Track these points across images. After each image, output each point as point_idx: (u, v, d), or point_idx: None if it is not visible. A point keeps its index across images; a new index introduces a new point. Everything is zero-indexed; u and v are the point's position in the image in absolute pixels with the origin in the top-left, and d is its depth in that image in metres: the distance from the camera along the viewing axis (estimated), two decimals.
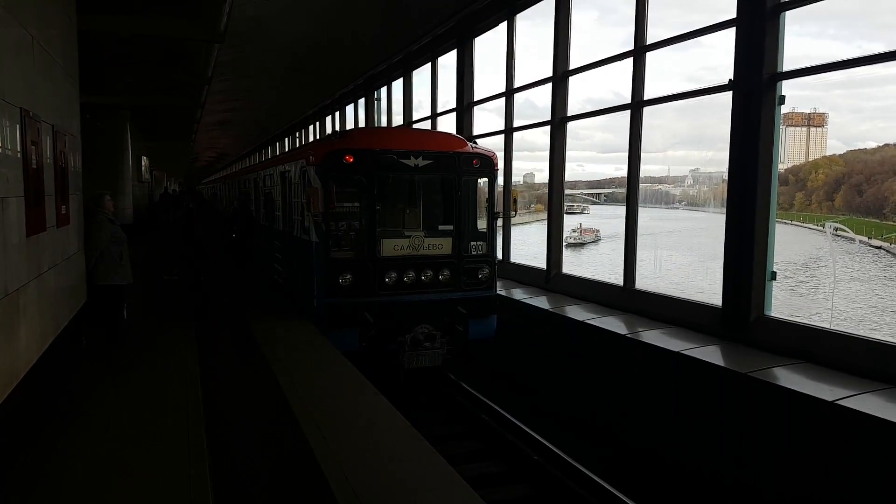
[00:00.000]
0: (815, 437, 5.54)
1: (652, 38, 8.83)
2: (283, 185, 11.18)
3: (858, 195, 33.86)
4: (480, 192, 9.62)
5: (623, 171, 9.52)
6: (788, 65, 7.00)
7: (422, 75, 17.35)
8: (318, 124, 28.83)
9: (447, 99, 15.33)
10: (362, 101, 22.12)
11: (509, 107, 12.56)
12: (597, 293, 9.83)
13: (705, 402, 6.64)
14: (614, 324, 8.41)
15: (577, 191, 53.18)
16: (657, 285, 12.78)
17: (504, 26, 12.53)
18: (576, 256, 37.25)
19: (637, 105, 9.00)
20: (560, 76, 10.81)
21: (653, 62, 8.91)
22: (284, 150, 34.94)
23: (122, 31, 10.69)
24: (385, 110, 20.14)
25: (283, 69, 18.77)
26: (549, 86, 11.04)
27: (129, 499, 4.04)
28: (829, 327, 6.84)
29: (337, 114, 25.43)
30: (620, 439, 7.77)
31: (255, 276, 13.84)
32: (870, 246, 31.28)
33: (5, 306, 4.30)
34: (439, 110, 15.77)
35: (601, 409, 8.22)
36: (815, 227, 33.82)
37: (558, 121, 10.89)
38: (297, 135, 33.41)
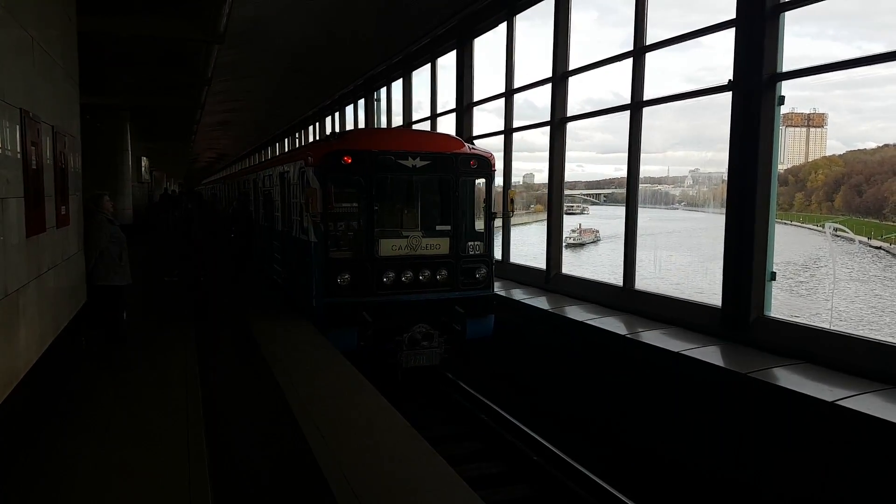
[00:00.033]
0: (814, 438, 5.54)
1: (651, 38, 8.85)
2: (282, 186, 11.20)
3: (858, 195, 33.87)
4: (478, 192, 9.65)
5: (623, 172, 9.55)
6: (788, 65, 7.01)
7: (421, 76, 17.39)
8: (317, 125, 28.81)
9: (447, 99, 15.36)
10: (362, 102, 22.12)
11: (509, 107, 12.56)
12: (596, 293, 9.83)
13: (705, 403, 6.65)
14: (614, 324, 8.41)
15: (576, 191, 53.19)
16: (657, 286, 12.79)
17: (504, 27, 12.54)
18: (575, 257, 37.23)
19: (636, 105, 9.00)
20: (559, 77, 10.82)
21: (652, 63, 8.94)
22: (284, 150, 34.94)
23: (121, 32, 10.69)
24: (385, 111, 20.15)
25: (282, 70, 18.77)
26: (548, 86, 11.04)
27: (129, 499, 4.04)
28: (828, 328, 6.84)
29: (337, 114, 25.42)
30: (620, 439, 7.77)
31: (255, 277, 13.84)
32: (869, 246, 31.28)
33: (5, 307, 4.30)
34: (439, 111, 15.77)
35: (601, 409, 8.22)
36: (814, 227, 33.82)
37: (558, 121, 10.89)
38: (296, 135, 33.39)
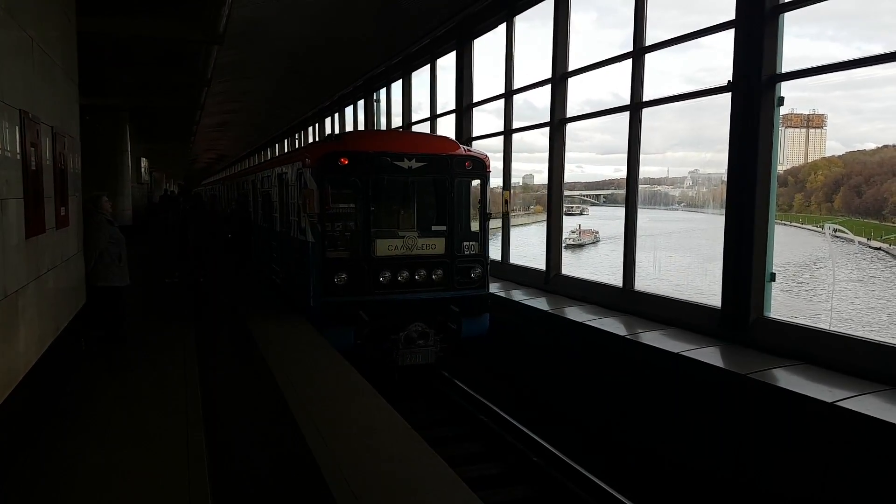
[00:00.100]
0: (814, 438, 5.54)
1: (651, 39, 8.85)
2: (280, 187, 11.28)
3: (858, 196, 33.90)
4: (473, 193, 9.76)
5: (622, 173, 9.55)
6: (787, 66, 7.01)
7: (421, 76, 17.40)
8: (317, 126, 28.81)
9: (446, 100, 15.36)
10: (361, 103, 22.11)
11: (508, 108, 12.56)
12: (596, 294, 9.83)
13: (705, 403, 6.64)
14: (614, 325, 8.41)
15: (576, 192, 53.22)
16: (657, 286, 12.78)
17: (503, 28, 12.55)
18: (575, 258, 37.25)
19: (636, 106, 9.00)
20: (559, 77, 10.82)
21: (652, 64, 8.94)
22: (284, 151, 34.95)
23: (121, 33, 10.69)
24: (384, 112, 20.15)
25: (282, 71, 18.78)
26: (548, 87, 11.04)
27: (129, 499, 4.04)
28: (828, 328, 6.83)
29: (336, 115, 25.41)
30: (620, 440, 7.77)
31: (254, 277, 13.84)
32: (869, 247, 31.30)
33: (4, 308, 4.30)
34: (439, 112, 15.77)
35: (601, 409, 8.22)
36: (814, 228, 33.84)
37: (557, 122, 10.90)
38: (296, 136, 33.40)
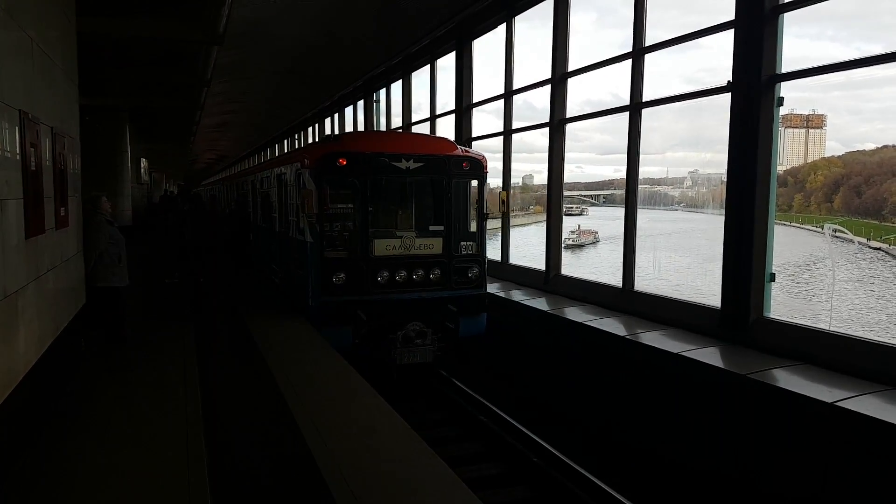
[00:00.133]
0: (814, 438, 5.54)
1: (651, 39, 8.84)
2: (279, 187, 11.35)
3: (857, 196, 33.92)
4: (471, 193, 9.80)
5: (622, 173, 9.55)
6: (787, 66, 7.00)
7: (421, 77, 17.39)
8: (317, 126, 28.81)
9: (446, 101, 15.35)
10: (361, 103, 22.10)
11: (508, 108, 12.56)
12: (596, 295, 9.83)
13: (705, 404, 6.64)
14: (613, 325, 8.40)
15: (575, 192, 53.25)
16: (657, 287, 12.78)
17: (503, 28, 12.54)
18: (574, 258, 37.27)
19: (636, 107, 9.00)
20: (559, 78, 10.82)
21: (651, 64, 8.94)
22: (284, 152, 34.95)
23: (121, 33, 10.69)
24: (384, 112, 20.15)
25: (281, 71, 18.78)
26: (547, 87, 11.04)
27: (128, 499, 4.04)
28: (828, 329, 6.83)
29: (336, 116, 25.41)
30: (620, 440, 7.77)
31: (254, 277, 13.83)
32: (869, 247, 31.31)
33: (4, 308, 4.30)
34: (438, 112, 15.77)
35: (601, 409, 8.22)
36: (814, 228, 33.86)
37: (557, 122, 10.90)
38: (296, 137, 33.39)
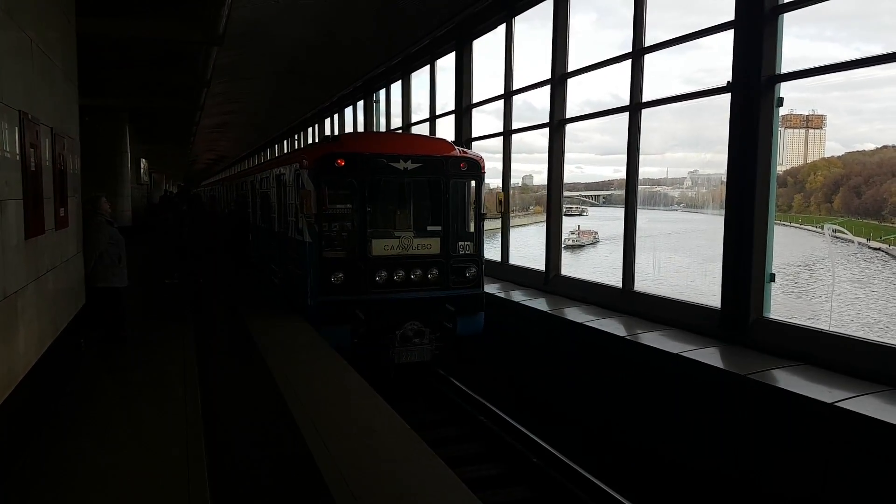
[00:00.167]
0: (814, 439, 5.54)
1: (650, 40, 8.84)
2: (278, 188, 11.42)
3: (857, 197, 33.94)
4: (468, 194, 9.84)
5: (622, 173, 9.56)
6: (787, 67, 7.01)
7: (421, 77, 17.39)
8: (316, 127, 28.81)
9: (446, 101, 15.35)
10: (361, 104, 22.10)
11: (508, 109, 12.56)
12: (596, 295, 9.83)
13: (705, 404, 6.64)
14: (613, 325, 8.40)
15: (575, 193, 53.28)
16: (656, 287, 12.78)
17: (502, 28, 12.55)
18: (574, 258, 37.27)
19: (635, 107, 9.00)
20: (558, 78, 10.82)
21: (651, 64, 8.94)
22: (284, 152, 34.95)
23: (120, 34, 10.69)
24: (384, 112, 20.15)
25: (281, 71, 18.77)
26: (547, 88, 11.04)
27: (128, 499, 4.04)
28: (827, 329, 6.83)
29: (336, 116, 25.40)
30: (620, 440, 7.77)
31: (253, 277, 13.83)
32: (868, 248, 31.31)
33: (4, 309, 4.30)
34: (438, 112, 15.77)
35: (601, 410, 8.22)
36: (813, 228, 33.87)
37: (557, 123, 10.90)
38: (296, 137, 33.38)
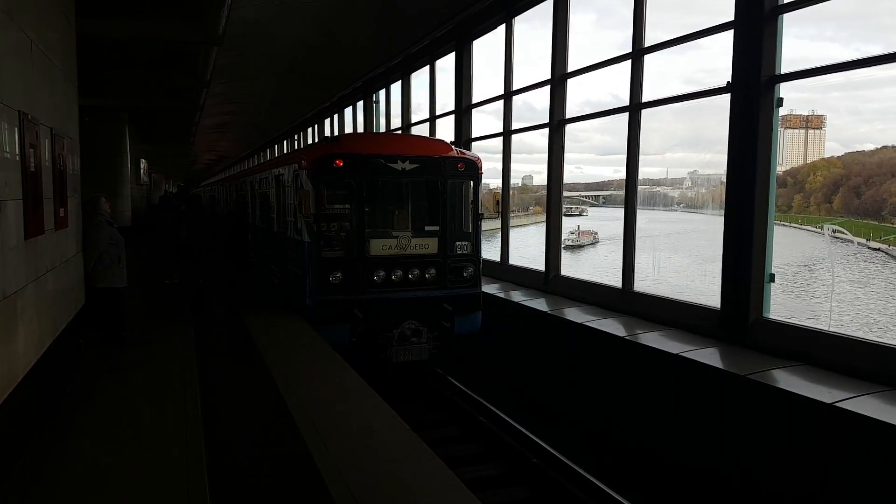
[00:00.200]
0: (814, 439, 5.54)
1: (650, 40, 8.84)
2: (277, 188, 11.47)
3: (857, 197, 33.96)
4: (466, 194, 9.89)
5: (621, 174, 9.57)
6: (786, 67, 7.01)
7: (420, 78, 17.39)
8: (316, 127, 28.80)
9: (446, 101, 15.35)
10: (361, 104, 22.10)
11: (507, 109, 12.56)
12: (595, 295, 9.83)
13: (705, 404, 6.64)
14: (613, 326, 8.40)
15: (575, 193, 53.32)
16: (656, 287, 12.78)
17: (502, 29, 12.55)
18: (574, 259, 37.27)
19: (635, 107, 9.00)
20: (558, 79, 10.82)
21: (651, 65, 8.94)
22: (283, 153, 34.95)
23: (120, 34, 10.69)
24: (384, 113, 20.14)
25: (281, 72, 18.77)
26: (547, 88, 11.04)
27: (128, 499, 4.04)
28: (827, 329, 6.83)
29: (336, 116, 25.40)
30: (620, 440, 7.76)
31: (253, 277, 13.83)
32: (868, 248, 31.32)
33: (3, 309, 4.29)
34: (438, 113, 15.77)
35: (601, 410, 8.21)
36: (813, 229, 33.90)
37: (556, 123, 10.90)
38: (295, 137, 33.38)
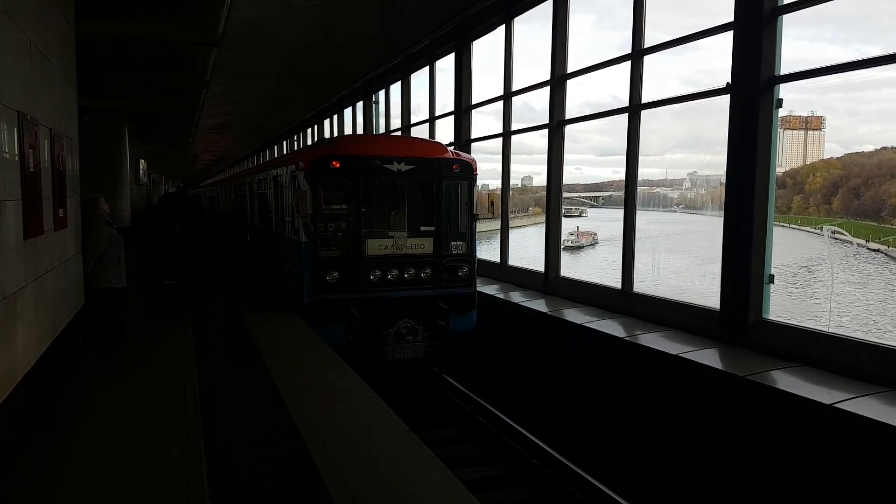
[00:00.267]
0: (814, 440, 5.54)
1: (650, 41, 8.85)
2: (275, 189, 11.57)
3: (856, 198, 33.99)
4: (461, 195, 9.97)
5: (621, 175, 9.58)
6: (786, 68, 7.02)
7: (420, 78, 17.39)
8: (316, 128, 28.79)
9: (445, 102, 15.35)
10: (360, 105, 22.10)
11: (507, 110, 12.57)
12: (595, 296, 9.83)
13: (704, 405, 6.64)
14: (612, 327, 8.40)
15: (574, 194, 53.39)
16: (655, 288, 12.78)
17: (502, 29, 12.55)
18: (573, 260, 37.29)
19: (635, 108, 9.01)
20: (558, 79, 10.82)
21: (651, 65, 8.96)
22: (283, 153, 34.96)
23: (120, 35, 10.69)
24: (383, 113, 20.14)
25: (280, 72, 18.76)
26: (546, 89, 11.05)
27: (128, 499, 4.03)
28: (827, 330, 6.83)
29: (335, 117, 25.39)
30: (620, 440, 7.76)
31: (252, 277, 13.82)
32: (868, 249, 31.35)
33: (3, 309, 4.29)
34: (437, 113, 15.77)
35: (600, 410, 8.21)
36: (813, 230, 33.93)
37: (556, 124, 10.90)
38: (295, 138, 33.37)
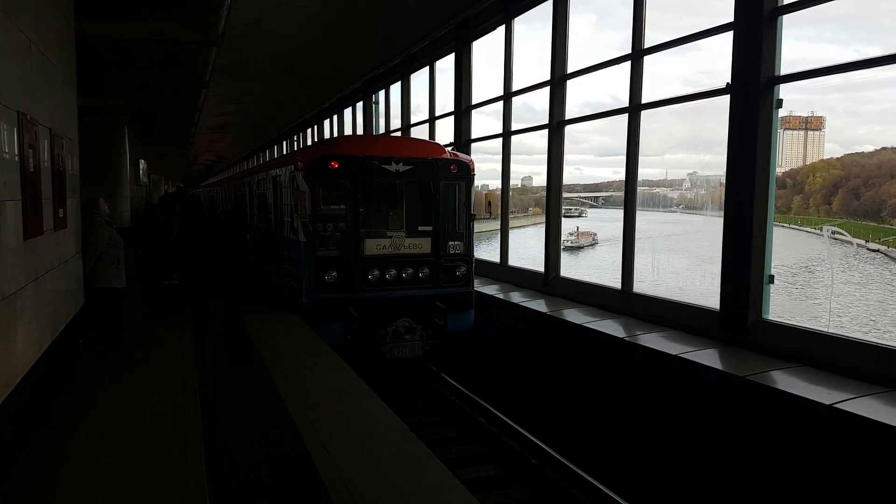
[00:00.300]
0: (814, 440, 5.54)
1: (650, 41, 8.86)
2: (274, 189, 11.61)
3: (856, 198, 34.00)
4: (458, 195, 10.03)
5: (621, 175, 9.58)
6: (786, 68, 7.02)
7: (420, 78, 17.40)
8: (315, 128, 28.80)
9: (445, 102, 15.35)
10: (360, 105, 22.10)
11: (507, 110, 12.57)
12: (595, 296, 9.83)
13: (704, 405, 6.64)
14: (612, 327, 8.40)
15: (574, 194, 53.40)
16: (655, 288, 12.78)
17: (502, 30, 12.55)
18: (573, 260, 37.29)
19: (634, 108, 9.01)
20: (558, 80, 10.82)
21: (650, 66, 8.96)
22: (283, 154, 34.95)
23: (120, 35, 10.70)
24: (383, 114, 20.13)
25: (280, 72, 18.76)
26: (546, 89, 11.05)
27: (127, 499, 4.03)
28: (826, 330, 6.83)
29: (335, 117, 25.39)
30: (620, 441, 7.76)
31: (251, 277, 13.82)
32: (867, 249, 31.36)
33: (2, 309, 4.29)
34: (437, 113, 15.77)
35: (600, 411, 8.21)
36: (812, 230, 33.94)
37: (556, 124, 10.90)
38: (295, 138, 33.36)
